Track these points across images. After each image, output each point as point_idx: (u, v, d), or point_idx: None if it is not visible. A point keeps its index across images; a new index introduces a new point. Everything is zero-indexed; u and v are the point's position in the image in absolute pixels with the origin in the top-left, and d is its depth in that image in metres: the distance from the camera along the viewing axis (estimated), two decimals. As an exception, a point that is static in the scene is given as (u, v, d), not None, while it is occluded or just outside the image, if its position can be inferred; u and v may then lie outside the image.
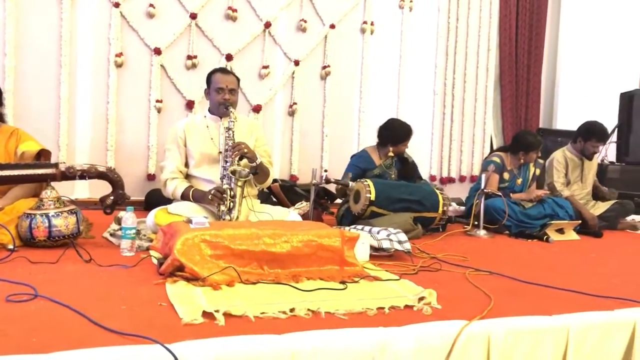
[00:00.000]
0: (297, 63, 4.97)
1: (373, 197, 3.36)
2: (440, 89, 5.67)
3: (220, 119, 3.05)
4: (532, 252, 3.23)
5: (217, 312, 1.60)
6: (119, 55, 4.34)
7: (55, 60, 4.20)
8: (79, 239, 2.65)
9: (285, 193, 4.23)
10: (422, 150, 5.47)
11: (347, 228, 2.96)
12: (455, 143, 5.78)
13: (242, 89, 4.43)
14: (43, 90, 4.18)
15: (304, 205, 3.69)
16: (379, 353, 1.51)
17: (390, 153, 3.80)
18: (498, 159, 4.08)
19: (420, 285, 2.08)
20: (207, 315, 1.59)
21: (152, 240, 2.66)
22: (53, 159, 3.02)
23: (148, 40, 4.45)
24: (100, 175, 2.75)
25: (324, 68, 5.10)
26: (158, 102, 4.49)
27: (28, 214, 2.52)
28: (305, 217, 3.44)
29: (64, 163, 2.72)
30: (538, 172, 4.23)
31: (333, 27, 5.08)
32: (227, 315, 1.60)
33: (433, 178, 5.63)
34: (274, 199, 4.20)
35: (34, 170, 2.64)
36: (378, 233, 2.82)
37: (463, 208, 4.41)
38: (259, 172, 2.95)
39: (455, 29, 5.69)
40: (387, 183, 3.57)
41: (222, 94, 2.99)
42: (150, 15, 4.44)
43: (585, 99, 6.10)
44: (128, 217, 2.45)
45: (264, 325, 1.57)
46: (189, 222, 2.27)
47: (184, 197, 2.96)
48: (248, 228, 2.23)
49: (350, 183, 3.59)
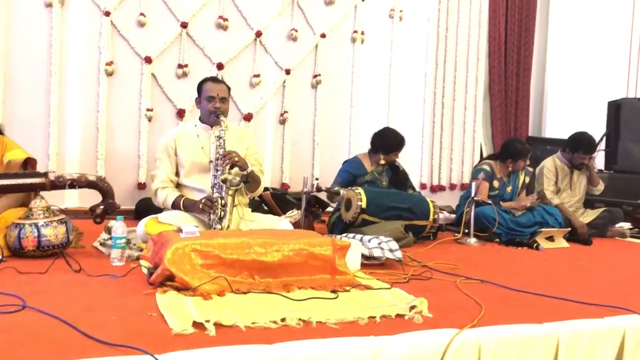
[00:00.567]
0: (288, 72, 4.98)
1: (364, 205, 3.37)
2: (430, 98, 5.69)
3: (211, 128, 3.05)
4: (522, 260, 3.25)
5: (207, 322, 1.59)
6: (110, 64, 4.32)
7: (45, 69, 4.17)
8: (69, 249, 2.62)
9: (277, 201, 4.23)
10: (412, 159, 5.48)
11: (338, 237, 2.96)
12: (446, 151, 5.80)
13: (233, 98, 4.43)
14: (33, 99, 4.14)
15: (296, 214, 3.70)
16: (371, 362, 1.51)
17: (382, 161, 3.82)
18: (488, 167, 4.10)
19: (412, 294, 2.08)
20: (197, 326, 1.59)
21: (142, 250, 2.65)
22: (43, 168, 3.00)
23: (139, 49, 4.44)
24: (90, 184, 2.74)
25: (315, 77, 5.11)
26: (149, 110, 4.47)
27: (17, 224, 2.49)
28: (297, 225, 3.44)
29: (54, 172, 2.71)
30: (527, 180, 4.26)
31: (324, 36, 5.10)
32: (217, 325, 1.60)
33: (424, 186, 5.65)
34: (265, 208, 4.20)
35: (24, 180, 2.62)
36: (369, 241, 2.82)
37: (454, 216, 4.43)
38: (250, 180, 2.94)
39: (445, 38, 5.72)
40: (378, 191, 3.58)
41: (213, 103, 2.99)
42: (141, 24, 4.43)
43: (574, 108, 6.16)
44: (118, 226, 2.44)
45: (255, 335, 1.56)
46: (180, 231, 2.26)
47: (175, 206, 2.95)
48: (239, 237, 2.23)
49: (342, 191, 3.60)
